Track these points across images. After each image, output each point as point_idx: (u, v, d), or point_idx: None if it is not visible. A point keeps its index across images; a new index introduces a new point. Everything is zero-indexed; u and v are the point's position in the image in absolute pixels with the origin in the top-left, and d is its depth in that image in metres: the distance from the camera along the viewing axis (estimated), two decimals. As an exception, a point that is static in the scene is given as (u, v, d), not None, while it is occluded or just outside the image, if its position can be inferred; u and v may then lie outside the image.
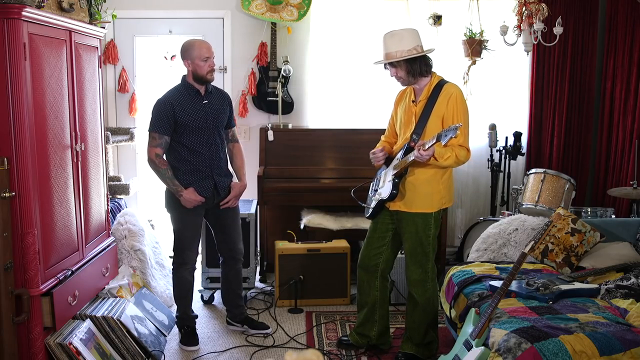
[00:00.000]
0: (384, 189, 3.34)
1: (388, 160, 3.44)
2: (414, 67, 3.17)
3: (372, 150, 3.43)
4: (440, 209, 3.31)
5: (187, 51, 3.51)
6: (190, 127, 3.52)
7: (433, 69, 3.29)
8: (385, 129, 3.60)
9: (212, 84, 3.65)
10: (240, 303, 3.95)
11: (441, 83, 3.21)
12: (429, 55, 3.24)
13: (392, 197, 3.26)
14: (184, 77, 3.61)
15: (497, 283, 3.15)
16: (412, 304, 3.43)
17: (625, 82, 5.07)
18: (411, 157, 3.08)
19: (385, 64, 3.28)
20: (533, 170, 4.61)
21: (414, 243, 3.30)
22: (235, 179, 3.80)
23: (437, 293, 3.45)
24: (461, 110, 3.16)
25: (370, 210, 3.45)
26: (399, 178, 3.25)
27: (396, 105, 3.45)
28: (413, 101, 3.28)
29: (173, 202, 3.62)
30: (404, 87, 3.40)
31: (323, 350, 3.67)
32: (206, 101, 3.59)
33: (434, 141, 2.96)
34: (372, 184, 3.60)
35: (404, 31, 3.20)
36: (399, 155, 3.27)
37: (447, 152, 3.07)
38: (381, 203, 3.36)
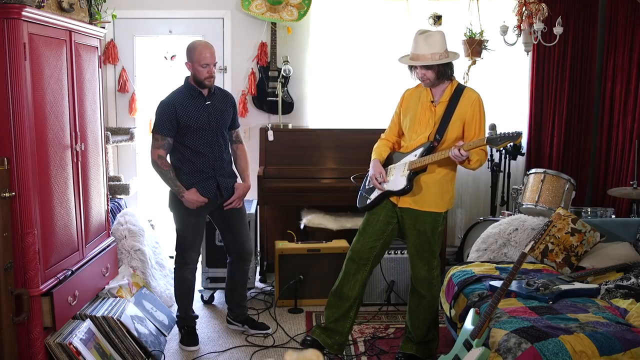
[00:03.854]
0: (395, 182, 3.29)
1: (391, 158, 3.41)
2: (446, 70, 3.21)
3: (375, 176, 3.33)
4: (447, 209, 3.34)
5: (190, 53, 3.51)
6: (193, 128, 3.53)
7: None
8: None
9: (215, 84, 3.65)
10: (243, 304, 3.96)
11: (461, 87, 3.25)
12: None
13: (404, 191, 3.24)
14: (187, 78, 3.61)
15: (497, 283, 3.15)
16: (417, 301, 3.43)
17: (625, 82, 5.07)
18: (446, 154, 3.09)
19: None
20: (533, 170, 4.61)
21: (422, 241, 3.31)
22: (239, 180, 3.80)
23: (439, 290, 3.47)
24: (483, 115, 3.23)
25: (369, 201, 3.39)
26: (415, 174, 3.25)
27: (405, 106, 3.40)
28: (432, 101, 3.27)
29: (176, 202, 3.62)
30: (413, 87, 3.41)
31: (323, 351, 3.66)
32: (209, 102, 3.59)
33: (483, 143, 3.02)
34: (368, 176, 3.48)
35: (436, 33, 3.20)
36: (417, 152, 3.24)
37: (475, 155, 3.12)
38: (386, 195, 3.32)
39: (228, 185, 3.69)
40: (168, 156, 3.59)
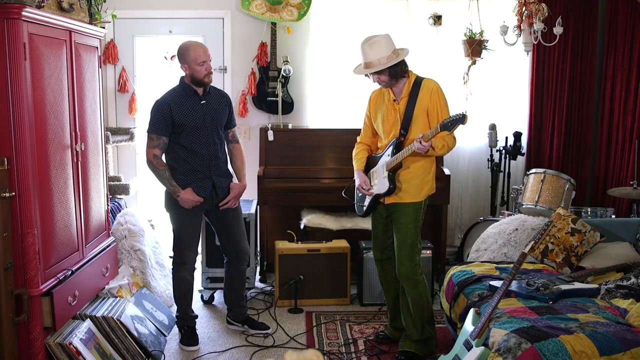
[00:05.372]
0: (379, 185, 3.44)
1: (370, 162, 3.57)
2: (396, 70, 3.31)
3: (360, 186, 3.52)
4: (427, 196, 3.45)
5: (183, 55, 3.51)
6: (188, 127, 3.53)
7: (430, 69, 3.37)
8: None
9: (213, 84, 3.65)
10: (242, 303, 3.96)
11: (419, 79, 3.37)
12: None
13: (390, 191, 3.37)
14: (182, 78, 3.61)
15: (497, 283, 3.15)
16: (406, 300, 3.49)
17: (625, 82, 5.07)
18: (412, 148, 3.19)
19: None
20: (533, 170, 4.61)
21: (405, 234, 3.39)
22: (235, 180, 3.80)
23: (427, 287, 3.50)
24: (443, 101, 3.34)
25: (365, 208, 3.56)
26: (394, 172, 3.37)
27: (373, 107, 3.55)
28: (394, 100, 3.40)
29: (172, 203, 3.62)
30: (378, 89, 3.53)
31: (323, 350, 3.67)
32: (204, 101, 3.59)
33: (438, 131, 3.10)
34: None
35: (380, 38, 3.30)
36: (389, 151, 3.38)
37: (440, 142, 3.23)
38: (376, 198, 3.47)
39: (223, 184, 3.69)
40: (163, 156, 3.59)
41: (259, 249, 4.88)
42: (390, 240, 3.55)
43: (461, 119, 3.01)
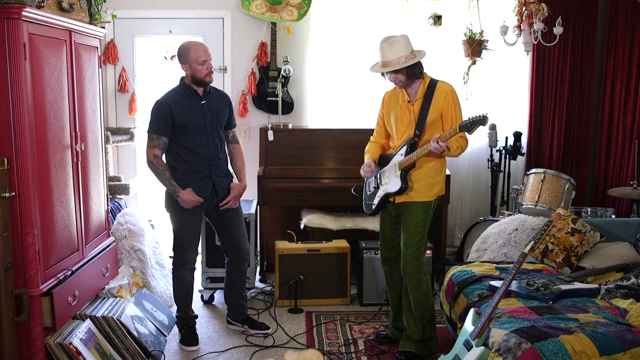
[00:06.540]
0: (391, 184, 3.45)
1: (382, 160, 3.57)
2: (414, 70, 3.34)
3: (364, 167, 3.52)
4: (437, 197, 3.47)
5: (184, 55, 3.52)
6: (188, 127, 3.53)
7: (431, 69, 3.45)
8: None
9: (213, 84, 3.65)
10: (242, 303, 3.96)
11: (433, 82, 3.41)
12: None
13: (402, 190, 3.39)
14: (182, 78, 3.62)
15: (497, 283, 3.15)
16: (408, 299, 3.50)
17: (625, 82, 5.07)
18: (427, 148, 3.23)
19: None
20: (533, 170, 4.61)
21: (413, 233, 3.41)
22: (235, 180, 3.80)
23: (430, 288, 3.51)
24: (458, 104, 3.38)
25: (374, 206, 3.57)
26: (406, 172, 3.39)
27: (386, 108, 3.57)
28: (409, 101, 3.42)
29: (172, 203, 3.62)
30: (391, 89, 3.56)
31: (323, 350, 3.67)
32: (204, 101, 3.60)
33: (457, 132, 3.14)
34: (366, 183, 3.70)
35: (399, 38, 3.34)
36: (402, 151, 3.41)
37: (455, 143, 3.28)
38: (386, 197, 3.48)
39: (224, 184, 3.70)
40: (163, 156, 3.59)
41: (259, 249, 4.88)
42: (398, 239, 3.57)
43: (482, 120, 3.04)
